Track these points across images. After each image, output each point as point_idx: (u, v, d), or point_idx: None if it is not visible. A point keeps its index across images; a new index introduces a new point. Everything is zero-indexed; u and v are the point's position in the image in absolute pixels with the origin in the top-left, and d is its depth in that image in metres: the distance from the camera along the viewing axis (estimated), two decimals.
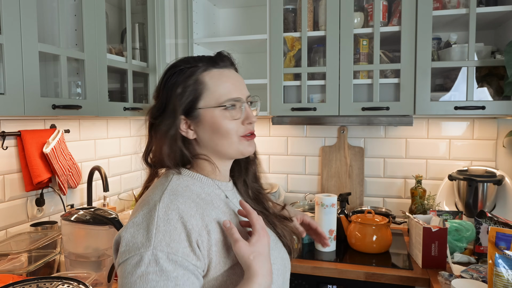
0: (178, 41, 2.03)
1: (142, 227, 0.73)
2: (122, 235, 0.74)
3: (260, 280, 0.73)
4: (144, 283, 0.68)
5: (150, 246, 0.70)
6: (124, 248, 0.72)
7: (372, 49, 1.84)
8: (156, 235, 0.71)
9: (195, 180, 0.86)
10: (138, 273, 0.69)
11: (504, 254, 1.12)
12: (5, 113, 1.14)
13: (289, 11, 2.00)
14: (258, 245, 0.76)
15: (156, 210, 0.75)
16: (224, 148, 0.86)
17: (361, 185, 2.20)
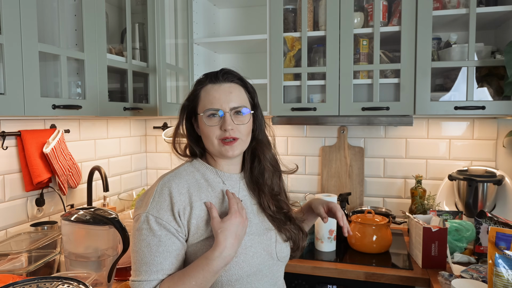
0: (178, 41, 2.03)
1: (146, 197, 1.03)
2: (137, 202, 1.05)
3: (221, 249, 0.94)
4: (139, 235, 0.98)
5: (146, 210, 0.99)
6: (134, 210, 1.04)
7: (372, 49, 1.84)
8: (151, 203, 0.99)
9: (201, 168, 1.10)
10: (136, 227, 0.99)
11: (504, 254, 1.12)
12: (5, 113, 1.14)
13: (289, 11, 1.99)
14: (227, 223, 0.97)
15: (157, 185, 1.03)
16: (209, 147, 1.08)
17: (361, 185, 2.20)
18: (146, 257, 0.96)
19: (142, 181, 2.52)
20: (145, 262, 0.96)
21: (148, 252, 0.96)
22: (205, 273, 0.93)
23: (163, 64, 1.85)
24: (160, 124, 2.48)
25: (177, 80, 2.08)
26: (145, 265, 0.95)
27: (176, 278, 0.95)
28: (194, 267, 0.95)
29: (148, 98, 1.90)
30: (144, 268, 0.95)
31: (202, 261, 0.95)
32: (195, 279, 0.93)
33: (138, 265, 0.96)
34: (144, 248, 0.96)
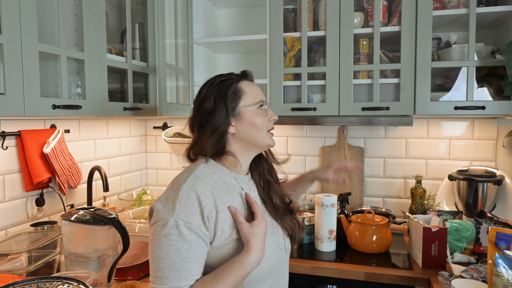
0: (178, 41, 2.03)
1: (170, 200, 0.97)
2: (155, 205, 0.99)
3: (254, 253, 0.97)
4: (167, 241, 0.93)
5: (174, 215, 0.94)
6: (155, 214, 0.97)
7: (372, 49, 1.84)
8: (179, 207, 0.95)
9: (217, 170, 1.07)
10: (163, 233, 0.94)
11: (504, 254, 1.12)
12: (5, 113, 1.14)
13: (289, 11, 1.99)
14: (257, 228, 1.00)
15: (181, 189, 0.98)
16: (257, 139, 1.09)
17: (361, 185, 2.20)
18: (176, 263, 0.92)
19: (142, 181, 2.52)
20: (174, 268, 0.92)
21: (178, 258, 0.93)
22: (238, 277, 0.95)
23: (163, 64, 1.85)
24: (160, 124, 2.48)
25: (177, 80, 2.08)
26: (174, 272, 0.92)
27: (208, 283, 0.94)
28: (227, 271, 0.95)
29: (148, 98, 1.90)
30: (173, 275, 0.92)
31: (235, 265, 0.96)
32: (228, 283, 0.94)
33: (166, 272, 0.92)
34: (173, 254, 0.93)
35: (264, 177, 1.17)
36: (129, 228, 1.79)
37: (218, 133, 1.06)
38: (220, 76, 1.11)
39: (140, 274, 1.45)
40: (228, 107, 1.06)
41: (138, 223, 1.84)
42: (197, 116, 1.08)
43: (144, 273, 1.47)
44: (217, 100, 1.06)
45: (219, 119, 1.05)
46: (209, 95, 1.07)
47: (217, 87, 1.08)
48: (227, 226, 1.00)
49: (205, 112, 1.06)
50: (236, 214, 1.01)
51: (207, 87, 1.09)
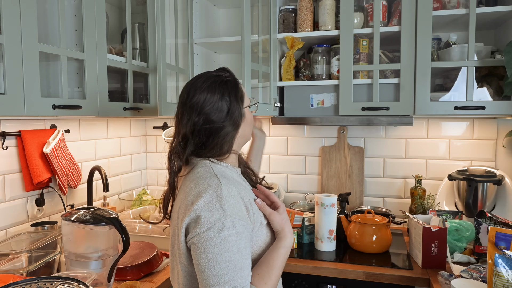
0: (178, 41, 2.03)
1: (215, 203, 0.95)
2: (200, 213, 0.94)
3: (290, 236, 1.04)
4: (227, 243, 0.92)
5: (228, 216, 0.93)
6: (204, 220, 0.93)
7: (372, 49, 1.84)
8: (229, 208, 0.95)
9: (225, 167, 1.08)
10: (222, 236, 0.92)
11: (504, 254, 1.12)
12: (5, 113, 1.14)
13: (289, 11, 2.00)
14: (284, 214, 1.06)
15: (221, 189, 0.97)
16: (249, 134, 1.16)
17: (361, 185, 2.20)
18: (240, 262, 0.93)
19: (142, 181, 2.52)
20: (239, 268, 0.92)
21: (240, 257, 0.93)
22: (285, 261, 1.02)
23: (163, 64, 1.85)
24: (160, 124, 2.48)
25: (177, 80, 2.08)
26: (240, 271, 0.92)
27: (266, 274, 0.97)
28: (276, 258, 1.00)
29: (148, 98, 1.90)
30: (240, 274, 0.92)
31: (281, 250, 1.01)
32: (279, 269, 1.00)
33: (232, 274, 0.91)
34: (235, 254, 0.92)
35: (242, 161, 1.22)
36: (129, 228, 1.79)
37: (231, 135, 1.06)
38: (217, 75, 1.08)
39: (140, 274, 1.46)
40: (241, 109, 1.07)
41: (138, 223, 1.84)
42: (207, 122, 1.03)
43: (144, 273, 1.47)
44: (232, 103, 1.05)
45: (233, 122, 1.05)
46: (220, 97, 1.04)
47: (227, 89, 1.06)
48: (258, 215, 1.04)
49: (216, 116, 1.04)
50: (264, 206, 1.05)
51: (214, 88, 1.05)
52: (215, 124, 1.03)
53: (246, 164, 1.23)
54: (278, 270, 0.99)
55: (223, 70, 1.12)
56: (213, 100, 1.03)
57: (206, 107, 1.03)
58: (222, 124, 1.04)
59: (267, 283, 0.96)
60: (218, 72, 1.10)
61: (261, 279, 0.96)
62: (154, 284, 1.42)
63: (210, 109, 1.03)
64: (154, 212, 2.10)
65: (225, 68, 1.13)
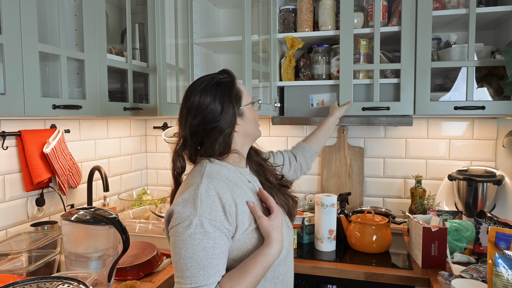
0: (178, 41, 2.03)
1: (189, 201, 0.99)
2: (174, 208, 1.00)
3: (276, 244, 1.02)
4: (192, 240, 0.95)
5: (197, 214, 0.96)
6: (177, 216, 0.98)
7: (372, 49, 1.84)
8: (201, 207, 0.97)
9: (223, 167, 1.11)
10: (188, 233, 0.95)
11: (504, 254, 1.12)
12: (5, 113, 1.14)
13: (289, 11, 2.00)
14: (275, 221, 1.05)
15: (199, 189, 1.00)
16: (255, 133, 1.18)
17: (361, 185, 2.20)
18: (203, 261, 0.95)
19: (142, 181, 2.52)
20: (202, 266, 0.94)
21: (205, 256, 0.95)
22: (263, 268, 1.00)
23: (163, 64, 1.85)
24: (160, 124, 2.48)
25: (177, 80, 2.08)
26: (203, 269, 0.94)
27: (236, 278, 0.97)
28: (252, 264, 0.99)
29: (148, 98, 1.90)
30: (202, 273, 0.94)
31: (259, 257, 1.00)
32: (255, 276, 0.98)
33: (194, 270, 0.94)
34: (200, 252, 0.95)
35: (254, 160, 1.24)
36: (129, 228, 1.79)
37: (226, 134, 1.09)
38: (212, 78, 1.12)
39: (140, 274, 1.46)
40: (235, 108, 1.10)
41: (138, 223, 1.84)
42: (202, 124, 1.08)
43: (144, 273, 1.47)
44: (224, 103, 1.08)
45: (227, 121, 1.08)
46: (213, 98, 1.08)
47: (220, 89, 1.09)
48: (246, 217, 1.04)
49: (210, 117, 1.07)
50: (255, 209, 1.05)
51: (207, 91, 1.09)
52: (209, 124, 1.07)
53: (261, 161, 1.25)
54: (252, 277, 0.98)
55: (222, 72, 1.16)
56: (206, 101, 1.08)
57: (200, 108, 1.08)
58: (216, 124, 1.07)
59: (234, 287, 0.95)
60: (215, 74, 1.14)
61: (230, 281, 0.96)
62: (154, 284, 1.42)
63: (204, 110, 1.07)
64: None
65: (225, 70, 1.17)
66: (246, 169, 1.18)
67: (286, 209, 1.20)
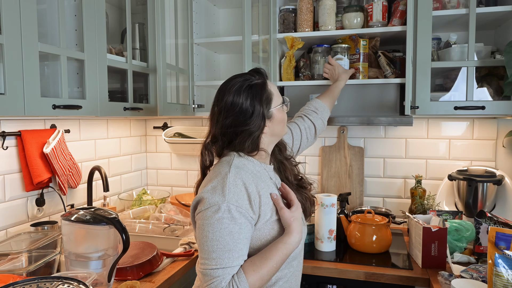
0: (178, 41, 2.03)
1: (218, 189, 1.05)
2: (203, 195, 1.06)
3: (295, 235, 1.09)
4: (220, 224, 1.01)
5: (225, 200, 1.03)
6: (206, 201, 1.04)
7: (372, 49, 1.84)
8: (229, 194, 1.04)
9: (249, 161, 1.16)
10: (216, 217, 1.02)
11: (504, 254, 1.12)
12: (5, 113, 1.14)
13: (289, 11, 2.00)
14: (296, 212, 1.12)
15: (228, 177, 1.07)
16: (281, 132, 1.22)
17: (361, 185, 2.20)
18: (229, 244, 1.01)
19: (142, 181, 2.52)
20: (228, 249, 1.01)
21: (231, 239, 1.01)
22: (283, 256, 1.07)
23: (163, 64, 1.85)
24: (160, 124, 2.48)
25: (177, 80, 2.08)
26: (228, 252, 1.01)
27: (258, 262, 1.04)
28: (273, 251, 1.06)
29: (148, 98, 1.90)
30: (227, 255, 1.00)
31: (280, 245, 1.07)
32: (275, 262, 1.05)
33: (220, 253, 1.00)
34: (226, 236, 1.01)
35: (277, 158, 1.28)
36: (129, 228, 1.79)
37: (255, 137, 1.13)
38: (243, 79, 1.16)
39: (140, 274, 1.45)
40: (264, 111, 1.13)
41: (138, 223, 1.84)
42: (232, 125, 1.12)
43: (144, 273, 1.47)
44: (255, 106, 1.12)
45: (256, 124, 1.12)
46: (245, 99, 1.12)
47: (251, 93, 1.13)
48: (268, 209, 1.10)
49: (240, 119, 1.12)
50: (278, 201, 1.12)
51: (240, 92, 1.13)
52: (239, 127, 1.12)
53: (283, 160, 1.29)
54: (272, 263, 1.05)
55: (254, 73, 1.19)
56: (238, 103, 1.12)
57: (232, 110, 1.12)
58: (246, 127, 1.12)
59: (256, 271, 1.02)
60: (247, 76, 1.17)
61: (252, 265, 1.03)
62: (154, 284, 1.42)
63: (236, 112, 1.12)
64: (154, 212, 2.10)
65: (257, 70, 1.21)
66: (270, 166, 1.23)
67: (302, 208, 1.23)
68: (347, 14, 1.87)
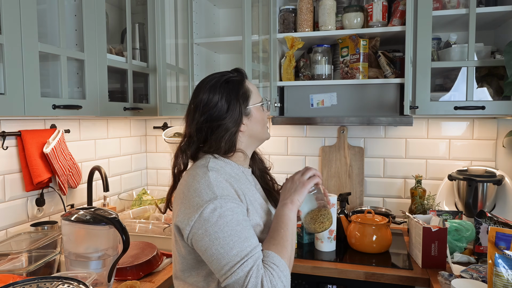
0: (178, 41, 2.03)
1: (202, 189, 0.99)
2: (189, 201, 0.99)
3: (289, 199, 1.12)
4: (224, 218, 0.96)
5: (217, 196, 0.98)
6: (195, 207, 0.98)
7: (372, 49, 1.84)
8: (217, 189, 0.99)
9: (226, 163, 1.11)
10: (216, 215, 0.96)
11: (504, 254, 1.12)
12: (5, 113, 1.14)
13: (289, 11, 2.00)
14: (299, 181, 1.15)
15: (209, 176, 1.02)
16: (262, 134, 1.17)
17: (361, 185, 2.20)
18: (243, 233, 0.96)
19: (142, 181, 2.52)
20: (244, 237, 0.96)
21: (242, 228, 0.97)
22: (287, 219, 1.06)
23: (163, 64, 1.85)
24: (160, 124, 2.48)
25: (177, 80, 2.08)
26: (246, 241, 0.96)
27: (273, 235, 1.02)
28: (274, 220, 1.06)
29: (148, 98, 1.90)
30: (248, 244, 0.95)
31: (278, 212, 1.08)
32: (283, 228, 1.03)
33: (239, 245, 0.94)
34: (236, 226, 0.96)
35: (259, 167, 1.26)
36: (129, 228, 1.79)
37: (231, 133, 1.09)
38: (219, 76, 1.13)
39: (140, 274, 1.46)
40: (241, 107, 1.09)
41: (138, 223, 1.84)
42: (208, 121, 1.08)
43: (144, 273, 1.47)
44: (231, 101, 1.08)
45: (233, 120, 1.08)
46: (220, 96, 1.08)
47: (227, 88, 1.09)
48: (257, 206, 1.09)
49: (216, 114, 1.08)
50: None
51: (216, 88, 1.09)
52: (215, 122, 1.08)
53: (265, 170, 1.28)
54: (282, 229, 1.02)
55: (233, 71, 1.17)
56: (214, 99, 1.08)
57: (208, 106, 1.08)
58: (221, 122, 1.07)
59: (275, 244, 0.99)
60: (225, 72, 1.15)
61: (268, 243, 1.00)
62: (154, 284, 1.42)
63: (211, 108, 1.08)
64: (154, 212, 2.10)
65: (237, 69, 1.18)
66: (248, 170, 1.20)
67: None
68: (347, 14, 1.87)
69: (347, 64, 1.91)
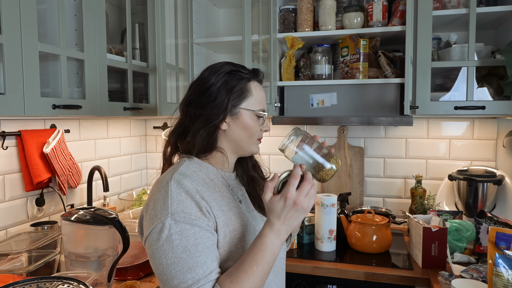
0: (178, 41, 2.03)
1: (158, 202, 0.90)
2: (144, 215, 0.93)
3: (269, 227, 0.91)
4: (170, 243, 0.86)
5: (169, 214, 0.87)
6: (148, 221, 0.90)
7: (372, 49, 1.84)
8: (172, 205, 0.88)
9: (202, 167, 1.02)
10: (163, 237, 0.86)
11: (504, 254, 1.12)
12: (5, 113, 1.14)
13: (289, 11, 2.00)
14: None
15: (169, 186, 0.91)
16: (244, 144, 1.04)
17: (361, 185, 2.20)
18: (188, 262, 0.85)
19: (142, 181, 2.52)
20: (188, 268, 0.85)
21: (188, 256, 0.85)
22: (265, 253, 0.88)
23: (163, 64, 1.85)
24: (160, 124, 2.48)
25: (177, 80, 2.08)
26: (189, 272, 0.85)
27: (235, 271, 0.87)
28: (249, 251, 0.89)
29: (148, 98, 1.90)
30: (189, 276, 0.85)
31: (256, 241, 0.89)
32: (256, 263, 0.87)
33: (181, 276, 0.85)
34: (181, 254, 0.85)
35: (248, 173, 1.13)
36: (129, 228, 1.79)
37: (211, 126, 0.99)
38: (231, 65, 1.05)
39: (140, 274, 1.46)
40: (229, 102, 0.99)
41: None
42: (195, 99, 1.01)
43: (144, 273, 1.47)
44: (221, 90, 0.99)
45: (216, 110, 0.99)
46: (216, 81, 1.00)
47: (226, 77, 1.01)
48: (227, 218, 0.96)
49: (205, 97, 1.00)
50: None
51: (216, 73, 1.02)
52: (199, 108, 1.00)
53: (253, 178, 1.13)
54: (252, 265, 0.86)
55: (249, 69, 1.08)
56: (209, 82, 1.01)
57: (201, 87, 1.01)
58: (204, 111, 0.99)
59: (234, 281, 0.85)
60: (239, 65, 1.07)
61: (229, 276, 0.87)
62: (154, 284, 1.42)
63: (203, 90, 1.01)
64: None
65: (255, 69, 1.09)
66: (230, 174, 1.08)
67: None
68: (347, 14, 1.87)
69: (347, 64, 1.91)
